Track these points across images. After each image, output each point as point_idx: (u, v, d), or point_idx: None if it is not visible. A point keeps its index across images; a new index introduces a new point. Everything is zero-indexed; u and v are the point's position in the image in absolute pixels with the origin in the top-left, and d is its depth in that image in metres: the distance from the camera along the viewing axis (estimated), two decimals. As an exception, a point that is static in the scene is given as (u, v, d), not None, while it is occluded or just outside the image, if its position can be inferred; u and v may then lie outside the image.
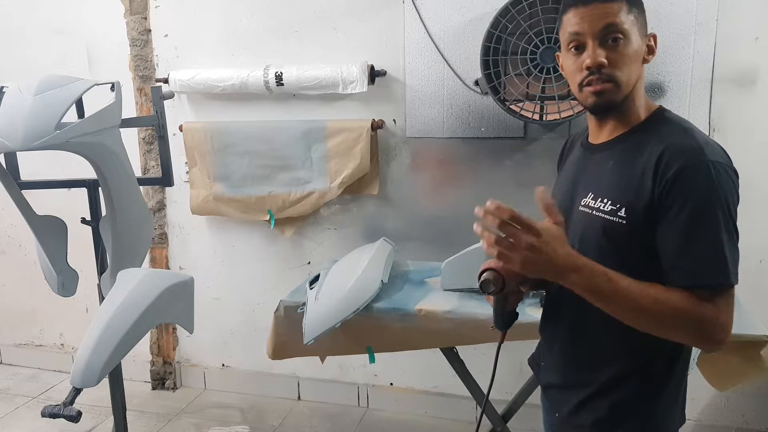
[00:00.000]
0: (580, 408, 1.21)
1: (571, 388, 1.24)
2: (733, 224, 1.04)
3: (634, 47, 1.11)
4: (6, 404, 3.03)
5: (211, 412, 2.95)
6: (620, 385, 1.17)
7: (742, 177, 1.10)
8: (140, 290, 1.78)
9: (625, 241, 1.09)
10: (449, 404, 2.77)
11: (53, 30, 2.99)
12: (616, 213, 1.10)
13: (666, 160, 1.05)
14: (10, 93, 1.78)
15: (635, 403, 1.17)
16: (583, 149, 1.26)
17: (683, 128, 1.10)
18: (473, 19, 2.44)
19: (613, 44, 1.10)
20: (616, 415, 1.18)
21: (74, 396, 1.75)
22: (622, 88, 1.11)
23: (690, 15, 2.26)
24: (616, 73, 1.10)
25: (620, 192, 1.10)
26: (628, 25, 1.10)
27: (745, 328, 1.73)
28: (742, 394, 2.49)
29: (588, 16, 1.10)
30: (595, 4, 1.10)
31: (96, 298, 2.14)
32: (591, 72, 1.11)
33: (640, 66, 1.14)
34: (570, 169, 1.28)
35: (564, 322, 1.26)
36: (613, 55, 1.10)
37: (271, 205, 2.75)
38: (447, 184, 2.64)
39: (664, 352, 1.14)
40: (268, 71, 2.61)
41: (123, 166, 1.93)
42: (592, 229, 1.13)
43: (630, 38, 1.10)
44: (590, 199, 1.15)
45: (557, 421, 1.28)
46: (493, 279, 1.09)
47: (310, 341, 1.92)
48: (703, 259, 1.02)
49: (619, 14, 1.09)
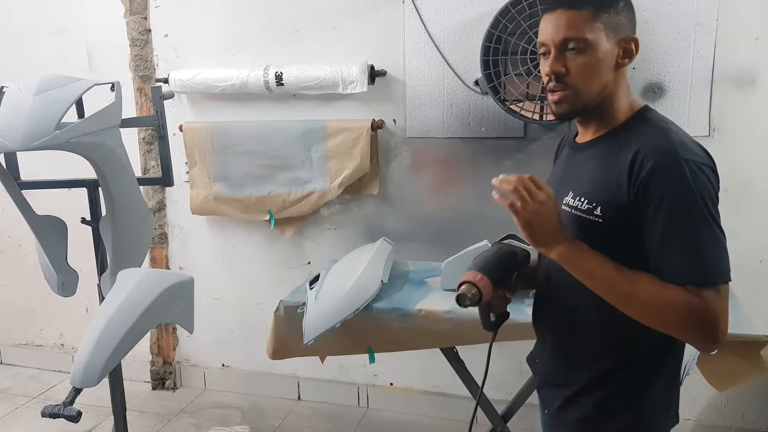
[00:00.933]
0: (566, 405, 1.23)
1: (559, 385, 1.26)
2: (714, 221, 1.04)
3: (597, 56, 1.11)
4: (6, 404, 3.03)
5: (211, 412, 2.95)
6: (605, 383, 1.18)
7: (742, 177, 1.10)
8: (140, 290, 1.78)
9: (600, 239, 1.11)
10: (449, 404, 2.77)
11: (53, 30, 2.99)
12: (591, 212, 1.12)
13: (640, 159, 1.06)
14: (10, 93, 1.78)
15: (620, 402, 1.17)
16: (569, 148, 1.29)
17: (660, 128, 1.11)
18: (473, 19, 2.44)
19: (574, 53, 1.11)
20: (601, 412, 1.19)
21: (74, 396, 1.75)
22: (580, 96, 1.13)
23: (690, 15, 2.26)
24: (575, 82, 1.12)
25: (597, 191, 1.12)
26: (591, 33, 1.10)
27: (745, 328, 1.73)
28: (742, 394, 2.49)
29: (552, 24, 1.12)
30: (559, 11, 1.11)
31: (96, 298, 2.14)
32: (550, 79, 1.14)
33: (609, 72, 1.13)
34: (558, 168, 1.32)
35: (550, 320, 1.29)
36: (573, 63, 1.11)
37: (271, 205, 2.75)
38: (447, 184, 2.64)
39: (652, 351, 1.15)
40: (268, 71, 2.61)
41: (123, 166, 1.93)
42: (570, 226, 1.16)
43: (593, 47, 1.10)
44: (570, 198, 1.18)
45: (548, 418, 1.31)
46: (469, 293, 1.13)
47: (310, 341, 1.92)
48: (680, 258, 1.03)
49: (579, 24, 1.10)
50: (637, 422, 1.18)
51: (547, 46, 1.14)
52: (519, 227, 1.10)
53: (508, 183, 1.07)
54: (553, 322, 1.28)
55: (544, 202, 1.07)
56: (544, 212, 1.07)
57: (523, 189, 1.06)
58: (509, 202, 1.07)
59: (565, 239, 1.10)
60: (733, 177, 2.21)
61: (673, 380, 1.20)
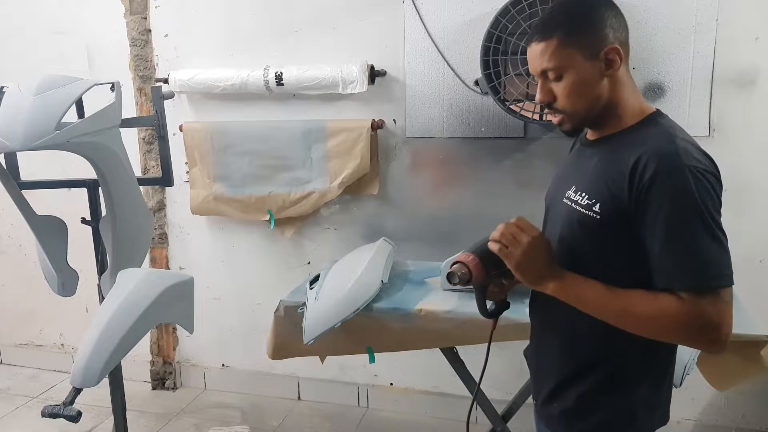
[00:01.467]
0: (551, 397, 1.25)
1: (545, 377, 1.28)
2: (716, 226, 1.04)
3: (576, 78, 1.14)
4: (6, 404, 3.03)
5: (211, 412, 2.95)
6: (588, 377, 1.19)
7: (742, 177, 1.11)
8: (140, 290, 1.78)
9: (598, 235, 1.14)
10: (449, 404, 2.77)
11: (53, 30, 2.99)
12: (591, 207, 1.14)
13: (642, 164, 1.07)
14: (10, 93, 1.78)
15: (603, 396, 1.18)
16: (580, 144, 1.31)
17: (668, 133, 1.11)
18: (473, 19, 2.44)
19: (555, 80, 1.16)
20: (583, 406, 1.20)
21: (74, 396, 1.76)
22: (573, 117, 1.18)
23: (690, 15, 2.26)
24: (563, 106, 1.17)
25: (598, 189, 1.14)
26: (564, 60, 1.13)
27: (745, 328, 1.73)
28: (742, 394, 2.49)
29: (531, 56, 1.18)
30: (533, 44, 1.17)
31: (96, 298, 2.14)
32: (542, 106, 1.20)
33: (596, 87, 1.15)
34: (566, 162, 1.34)
35: (541, 312, 1.31)
36: (557, 90, 1.17)
37: (271, 205, 2.75)
38: (447, 184, 2.64)
39: (638, 348, 1.15)
40: (268, 71, 2.61)
41: (123, 166, 1.93)
42: (569, 220, 1.19)
43: (569, 71, 1.14)
44: (572, 192, 1.20)
45: (536, 408, 1.34)
46: (459, 272, 1.19)
47: (310, 341, 1.92)
48: (678, 262, 1.04)
49: (550, 54, 1.14)
50: (618, 417, 1.18)
51: (533, 75, 1.20)
52: (512, 270, 1.16)
53: (498, 230, 1.16)
54: (542, 315, 1.31)
55: (530, 243, 1.13)
56: (531, 252, 1.13)
57: (510, 234, 1.14)
58: (498, 248, 1.15)
59: (555, 275, 1.15)
60: (733, 177, 2.19)
61: (661, 378, 1.21)
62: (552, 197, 1.31)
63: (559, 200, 1.24)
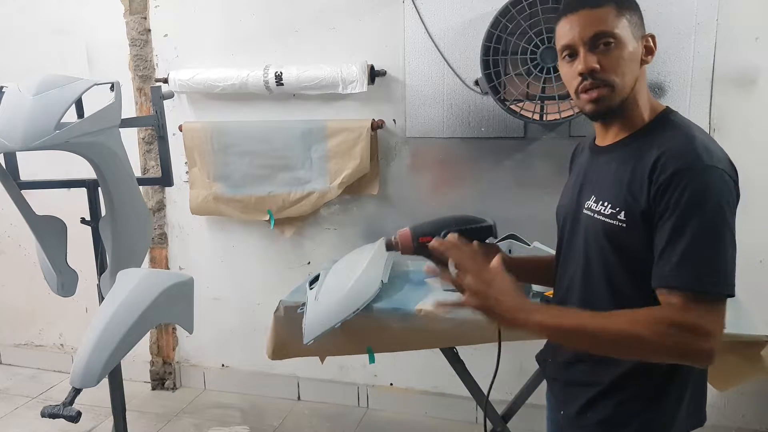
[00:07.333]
0: (586, 407, 1.21)
1: (580, 386, 1.23)
2: (728, 231, 1.01)
3: (628, 50, 1.10)
4: (6, 404, 3.03)
5: (211, 413, 2.95)
6: (625, 385, 1.16)
7: (742, 177, 1.09)
8: (140, 290, 1.78)
9: (626, 244, 1.09)
10: (449, 404, 2.77)
11: (53, 30, 2.99)
12: (615, 216, 1.10)
13: (661, 164, 1.04)
14: (10, 93, 1.77)
15: (640, 403, 1.16)
16: (590, 152, 1.27)
17: (686, 134, 1.08)
18: (473, 19, 2.44)
19: (605, 48, 1.09)
20: (622, 415, 1.17)
21: (74, 396, 1.75)
22: (617, 92, 1.11)
23: (690, 15, 2.25)
24: (611, 76, 1.10)
25: (620, 196, 1.10)
26: (619, 29, 1.09)
27: (745, 328, 1.73)
28: (742, 394, 2.49)
29: (577, 24, 1.11)
30: (583, 11, 1.10)
31: (96, 298, 2.14)
32: (584, 78, 1.11)
33: (637, 68, 1.13)
34: (578, 172, 1.29)
35: None
36: (605, 59, 1.09)
37: (271, 205, 2.75)
38: (447, 184, 2.63)
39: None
40: (268, 71, 2.60)
41: (123, 166, 1.93)
42: (594, 231, 1.14)
43: (623, 41, 1.09)
44: (593, 202, 1.16)
45: (562, 418, 1.27)
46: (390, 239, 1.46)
47: (310, 341, 1.92)
48: (683, 261, 1.00)
49: (608, 20, 1.09)
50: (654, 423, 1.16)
51: (573, 47, 1.12)
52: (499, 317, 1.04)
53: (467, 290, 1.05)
54: None
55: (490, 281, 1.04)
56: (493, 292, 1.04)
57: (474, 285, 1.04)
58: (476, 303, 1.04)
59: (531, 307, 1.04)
60: (733, 177, 2.21)
61: (702, 380, 1.19)
62: (567, 211, 1.26)
63: (578, 213, 1.20)
